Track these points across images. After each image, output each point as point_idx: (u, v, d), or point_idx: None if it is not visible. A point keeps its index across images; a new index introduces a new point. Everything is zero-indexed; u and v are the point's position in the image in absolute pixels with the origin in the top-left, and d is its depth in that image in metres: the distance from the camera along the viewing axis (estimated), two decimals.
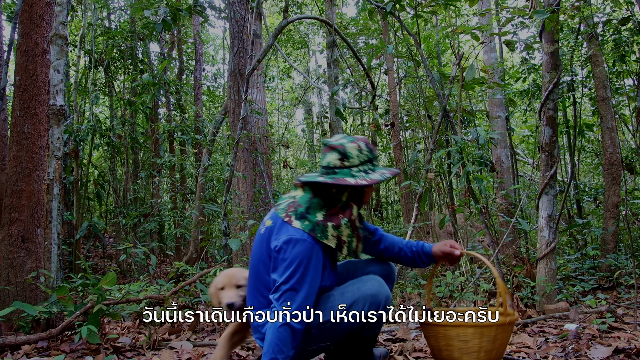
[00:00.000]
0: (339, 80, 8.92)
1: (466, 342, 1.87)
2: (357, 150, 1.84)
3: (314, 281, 1.76)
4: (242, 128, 4.55)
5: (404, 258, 2.12)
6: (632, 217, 5.94)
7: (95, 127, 7.35)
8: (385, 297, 1.81)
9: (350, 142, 1.86)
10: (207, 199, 7.65)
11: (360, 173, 1.82)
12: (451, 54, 9.61)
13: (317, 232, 1.77)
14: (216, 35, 17.54)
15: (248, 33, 5.24)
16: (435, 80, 4.41)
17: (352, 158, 1.83)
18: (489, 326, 1.87)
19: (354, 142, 1.87)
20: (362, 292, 1.80)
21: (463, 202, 4.58)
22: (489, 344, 1.87)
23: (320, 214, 1.81)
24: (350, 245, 1.85)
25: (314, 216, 1.80)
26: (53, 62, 3.55)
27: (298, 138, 18.08)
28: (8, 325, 3.38)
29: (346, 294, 1.83)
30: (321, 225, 1.79)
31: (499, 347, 1.91)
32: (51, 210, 3.41)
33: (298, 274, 1.72)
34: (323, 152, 1.91)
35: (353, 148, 1.84)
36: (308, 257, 1.74)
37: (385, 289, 1.83)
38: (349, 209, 1.84)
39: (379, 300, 1.80)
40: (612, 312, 3.26)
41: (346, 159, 1.83)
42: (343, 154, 1.83)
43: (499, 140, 6.77)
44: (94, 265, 7.94)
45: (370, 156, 1.88)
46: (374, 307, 1.79)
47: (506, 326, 1.90)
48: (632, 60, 5.99)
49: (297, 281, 1.72)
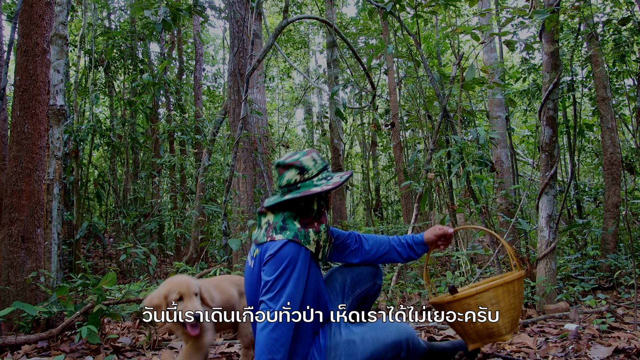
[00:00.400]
0: (339, 80, 8.92)
1: (498, 304, 1.92)
2: (312, 162, 1.92)
3: (299, 282, 1.79)
4: (242, 128, 4.55)
5: (394, 255, 2.14)
6: (632, 217, 5.94)
7: (95, 127, 7.35)
8: (406, 339, 1.81)
9: (304, 155, 1.94)
10: (207, 199, 7.66)
11: (321, 181, 1.90)
12: (451, 54, 9.61)
13: (300, 238, 1.83)
14: (216, 35, 17.55)
15: (248, 33, 5.24)
16: (435, 80, 4.41)
17: (310, 169, 1.90)
18: (512, 282, 1.93)
19: (306, 155, 1.94)
20: (382, 341, 1.80)
21: (463, 202, 4.58)
22: (516, 299, 1.94)
23: (297, 223, 1.87)
24: (324, 250, 1.92)
25: (293, 226, 1.86)
26: (53, 62, 3.56)
27: (298, 138, 18.08)
28: (8, 325, 3.38)
29: (366, 342, 1.82)
30: (302, 232, 1.84)
31: (520, 301, 1.98)
32: (51, 210, 3.41)
33: (282, 278, 1.76)
34: (278, 173, 1.96)
35: (308, 160, 1.92)
36: (296, 258, 1.79)
37: (405, 331, 1.82)
38: (323, 215, 1.92)
39: (401, 346, 1.80)
40: (612, 312, 3.26)
41: (305, 172, 1.90)
42: (301, 168, 1.90)
43: (499, 140, 6.77)
44: (94, 265, 7.94)
45: (324, 164, 1.96)
46: (397, 352, 1.81)
47: (521, 280, 1.99)
48: (632, 60, 5.99)
49: (286, 279, 1.76)
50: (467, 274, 4.64)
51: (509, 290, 1.92)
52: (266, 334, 1.70)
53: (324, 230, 1.90)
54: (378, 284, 2.17)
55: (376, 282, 2.16)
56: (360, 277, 2.13)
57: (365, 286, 2.14)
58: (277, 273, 1.76)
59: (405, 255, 2.13)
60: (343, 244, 2.14)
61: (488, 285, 1.94)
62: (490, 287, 1.92)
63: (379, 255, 2.14)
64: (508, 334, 1.95)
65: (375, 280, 2.16)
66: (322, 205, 1.94)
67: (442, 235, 2.08)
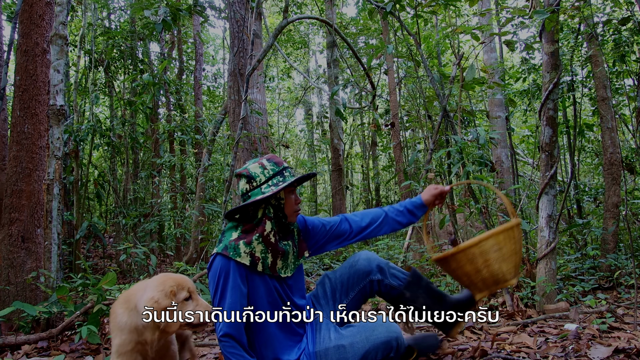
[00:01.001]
0: (339, 80, 8.92)
1: (501, 250, 1.97)
2: (260, 169, 1.89)
3: (235, 292, 1.79)
4: (242, 128, 4.55)
5: (393, 224, 2.14)
6: (632, 217, 5.94)
7: (95, 127, 7.35)
8: (395, 339, 1.81)
9: (253, 163, 1.92)
10: (207, 199, 7.65)
11: (269, 188, 1.86)
12: (451, 54, 9.61)
13: (229, 251, 1.82)
14: (216, 35, 17.55)
15: (248, 33, 5.24)
16: (435, 80, 4.41)
17: (257, 177, 1.88)
18: (511, 228, 1.99)
19: (256, 162, 1.92)
20: (372, 342, 1.80)
21: (463, 202, 4.58)
22: (517, 245, 2.01)
23: (235, 234, 1.87)
24: (265, 262, 1.86)
25: (228, 237, 1.86)
26: (53, 62, 3.56)
27: (298, 138, 18.08)
28: (8, 325, 3.38)
29: (356, 345, 1.81)
30: (233, 244, 1.83)
31: (520, 247, 2.05)
32: (51, 210, 3.41)
33: (219, 291, 1.80)
34: (237, 183, 1.97)
35: (256, 168, 1.89)
36: (226, 270, 1.80)
37: (394, 330, 1.82)
38: (262, 224, 1.87)
39: (390, 345, 1.80)
40: (612, 312, 3.26)
41: (253, 180, 1.88)
42: (249, 177, 1.88)
43: (499, 140, 6.77)
44: (94, 265, 7.94)
45: (276, 169, 1.90)
46: (387, 352, 1.80)
47: (519, 227, 2.05)
48: (632, 60, 5.99)
49: (219, 297, 1.80)
50: None
51: (509, 236, 1.98)
52: (221, 347, 1.77)
53: (257, 241, 1.84)
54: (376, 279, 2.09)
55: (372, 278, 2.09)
56: (351, 281, 2.09)
57: (358, 287, 2.09)
58: (212, 288, 1.82)
59: (405, 221, 2.16)
60: (337, 232, 2.11)
61: (489, 233, 1.99)
62: (492, 234, 1.98)
63: (376, 228, 2.13)
64: (513, 278, 2.02)
65: (371, 277, 2.09)
66: (269, 214, 1.88)
67: (439, 194, 2.15)
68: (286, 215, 1.91)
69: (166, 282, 1.73)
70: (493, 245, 1.96)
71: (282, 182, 1.88)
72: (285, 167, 1.93)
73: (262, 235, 1.85)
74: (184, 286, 1.74)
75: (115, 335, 1.74)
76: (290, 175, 1.92)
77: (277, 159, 1.93)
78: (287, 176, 1.91)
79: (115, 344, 1.74)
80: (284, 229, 1.93)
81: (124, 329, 1.72)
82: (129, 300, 1.76)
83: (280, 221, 1.90)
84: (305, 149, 16.96)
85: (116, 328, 1.75)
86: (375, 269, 2.08)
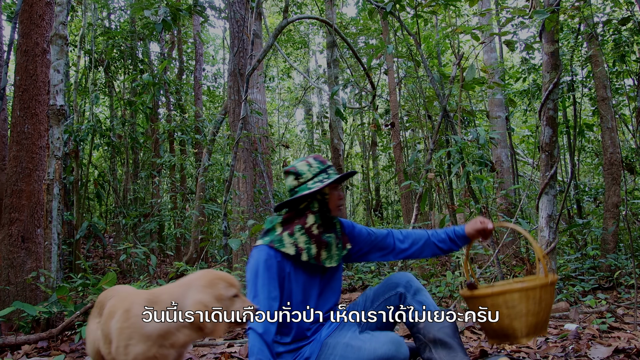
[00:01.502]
0: (339, 80, 8.92)
1: (514, 308, 1.91)
2: (307, 166, 2.03)
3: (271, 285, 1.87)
4: (242, 128, 4.55)
5: (434, 249, 2.18)
6: (632, 217, 5.94)
7: (95, 127, 7.35)
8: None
9: (300, 161, 2.06)
10: (207, 199, 7.66)
11: (315, 184, 1.99)
12: (451, 54, 9.61)
13: (275, 243, 1.93)
14: (216, 35, 17.55)
15: (248, 33, 5.24)
16: (435, 80, 4.41)
17: (304, 174, 2.01)
18: (533, 288, 1.91)
19: (303, 160, 2.06)
20: (377, 355, 1.81)
21: (463, 202, 4.58)
22: (535, 306, 1.92)
23: (280, 228, 1.98)
24: (310, 252, 1.95)
25: (274, 231, 1.98)
26: (53, 62, 3.56)
27: (298, 138, 18.08)
28: (8, 325, 3.38)
29: (362, 351, 1.83)
30: (279, 236, 1.95)
31: (545, 308, 1.96)
32: (51, 210, 3.41)
33: (252, 281, 1.87)
34: (285, 179, 2.09)
35: (303, 165, 2.03)
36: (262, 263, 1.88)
37: (402, 352, 1.82)
38: (303, 217, 1.99)
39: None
40: (612, 312, 3.26)
41: (300, 176, 2.01)
42: (296, 174, 2.02)
43: (499, 140, 6.77)
44: (94, 265, 7.94)
45: (321, 167, 2.04)
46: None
47: (548, 287, 1.95)
48: (632, 60, 5.99)
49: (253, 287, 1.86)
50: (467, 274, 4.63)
51: (527, 296, 1.91)
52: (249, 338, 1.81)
53: (300, 232, 1.95)
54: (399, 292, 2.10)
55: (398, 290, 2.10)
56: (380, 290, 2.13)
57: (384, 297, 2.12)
58: (252, 278, 1.88)
59: (446, 248, 2.19)
60: (381, 245, 2.18)
61: (504, 289, 1.94)
62: (506, 290, 1.93)
63: (417, 250, 2.18)
64: (523, 337, 1.94)
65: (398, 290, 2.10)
66: (313, 208, 1.99)
67: (483, 229, 2.13)
68: (330, 209, 2.03)
69: (215, 283, 1.61)
70: (505, 301, 1.93)
71: (327, 179, 2.01)
72: (329, 165, 2.08)
73: (304, 227, 1.97)
74: (232, 284, 1.65)
75: (137, 342, 1.56)
76: (334, 173, 2.06)
77: (321, 158, 2.08)
78: (330, 174, 2.05)
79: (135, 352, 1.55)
80: (327, 222, 2.04)
81: (151, 335, 1.56)
82: (157, 301, 1.61)
83: (324, 215, 2.02)
84: (305, 149, 16.96)
85: (139, 334, 1.56)
86: (403, 283, 2.10)
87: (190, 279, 1.66)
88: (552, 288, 1.99)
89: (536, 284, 1.92)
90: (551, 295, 1.99)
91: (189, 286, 1.62)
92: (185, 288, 1.62)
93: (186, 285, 1.63)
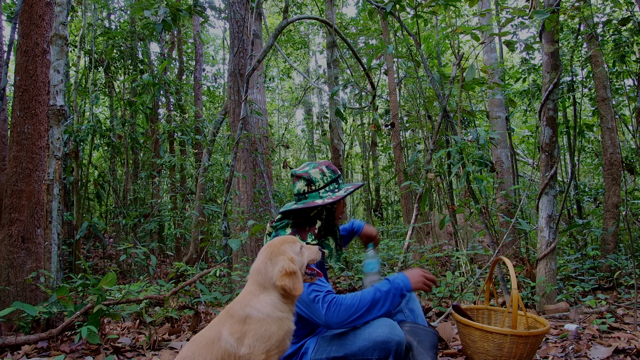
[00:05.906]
0: (339, 81, 8.92)
1: (502, 349, 2.00)
2: (320, 175, 2.03)
3: None
4: (242, 128, 4.55)
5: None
6: (632, 217, 5.94)
7: (95, 127, 7.35)
8: (397, 343, 1.81)
9: (313, 168, 2.05)
10: (207, 199, 7.66)
11: (327, 193, 2.01)
12: (451, 54, 9.61)
13: None
14: (216, 35, 17.55)
15: (248, 33, 5.24)
16: (435, 81, 4.41)
17: (317, 182, 2.02)
18: (526, 336, 1.99)
19: (316, 167, 2.06)
20: (372, 339, 1.82)
21: (463, 202, 4.58)
22: (522, 349, 2.01)
23: (289, 230, 2.00)
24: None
25: (283, 232, 1.99)
26: (53, 62, 3.56)
27: (298, 138, 18.09)
28: (8, 325, 3.38)
29: (358, 336, 1.85)
30: None
31: (529, 352, 2.03)
32: (51, 210, 3.41)
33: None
34: (293, 181, 2.09)
35: (316, 173, 2.03)
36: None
37: (397, 334, 1.83)
38: (314, 224, 2.02)
39: (389, 347, 1.81)
40: (612, 312, 3.26)
41: (312, 184, 2.02)
42: (309, 180, 2.02)
43: (499, 141, 6.77)
44: (94, 266, 7.94)
45: (333, 176, 2.06)
46: (384, 354, 1.81)
47: (540, 336, 2.05)
48: (632, 60, 5.99)
49: None
50: (467, 274, 4.64)
51: (518, 342, 1.99)
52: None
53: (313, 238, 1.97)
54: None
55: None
56: None
57: None
58: None
59: (347, 241, 2.46)
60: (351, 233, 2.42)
61: (497, 329, 2.02)
62: (501, 332, 2.00)
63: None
64: None
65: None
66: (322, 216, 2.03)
67: (374, 237, 2.40)
68: (334, 218, 2.10)
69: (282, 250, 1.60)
70: (495, 341, 2.01)
71: (337, 189, 2.05)
72: (339, 174, 2.11)
73: (313, 233, 2.01)
74: (293, 240, 1.67)
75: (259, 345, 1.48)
76: (344, 183, 2.11)
77: (333, 166, 2.10)
78: (340, 183, 2.09)
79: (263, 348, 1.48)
80: (330, 228, 2.10)
81: (272, 336, 1.50)
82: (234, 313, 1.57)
83: (328, 223, 2.07)
84: (305, 149, 16.97)
85: (261, 338, 1.49)
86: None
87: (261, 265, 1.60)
88: (542, 336, 2.08)
89: (530, 333, 2.00)
90: (540, 341, 2.08)
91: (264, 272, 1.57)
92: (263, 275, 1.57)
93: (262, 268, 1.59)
